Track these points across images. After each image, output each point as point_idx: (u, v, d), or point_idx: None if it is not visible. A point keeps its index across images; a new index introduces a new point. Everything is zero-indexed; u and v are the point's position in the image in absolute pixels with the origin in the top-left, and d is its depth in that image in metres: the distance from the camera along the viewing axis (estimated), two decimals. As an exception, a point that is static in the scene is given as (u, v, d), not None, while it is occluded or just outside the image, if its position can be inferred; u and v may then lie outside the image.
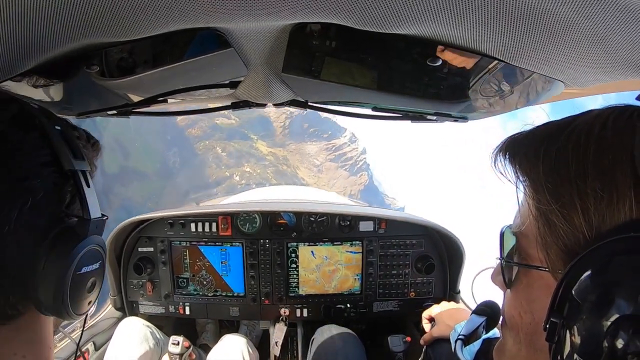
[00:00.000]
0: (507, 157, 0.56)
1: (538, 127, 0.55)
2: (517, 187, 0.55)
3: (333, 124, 57.17)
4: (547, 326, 0.46)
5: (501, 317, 0.65)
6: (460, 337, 1.09)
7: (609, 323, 0.39)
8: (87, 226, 0.57)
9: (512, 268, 0.58)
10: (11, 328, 0.53)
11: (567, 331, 0.43)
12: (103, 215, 0.61)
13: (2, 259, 0.49)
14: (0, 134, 0.51)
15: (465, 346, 1.09)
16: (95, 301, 0.63)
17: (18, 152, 0.51)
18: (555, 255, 0.50)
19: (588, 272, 0.42)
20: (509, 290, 0.61)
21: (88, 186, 0.58)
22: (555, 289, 0.46)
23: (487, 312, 1.12)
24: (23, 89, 0.77)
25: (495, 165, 0.57)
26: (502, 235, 0.61)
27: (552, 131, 0.52)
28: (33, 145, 0.53)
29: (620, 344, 0.37)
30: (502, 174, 0.56)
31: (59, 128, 0.57)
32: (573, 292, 0.43)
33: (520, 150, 0.54)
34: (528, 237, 0.54)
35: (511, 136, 0.57)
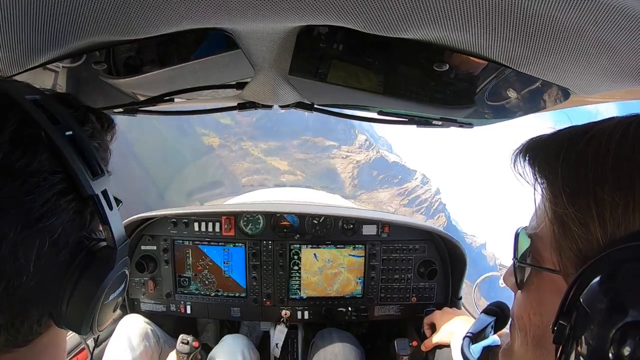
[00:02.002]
0: (526, 159, 0.55)
1: (559, 131, 0.54)
2: (534, 189, 0.55)
3: (402, 167, 55.71)
4: (555, 328, 0.47)
5: (510, 320, 0.65)
6: (468, 334, 1.08)
7: (616, 328, 0.39)
8: (115, 255, 0.51)
9: (524, 270, 0.58)
10: (32, 347, 0.50)
11: (575, 334, 0.44)
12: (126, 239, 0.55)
13: (25, 302, 0.45)
14: (0, 165, 0.41)
15: (472, 344, 1.08)
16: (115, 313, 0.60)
17: (26, 186, 0.42)
18: (568, 259, 0.50)
19: (598, 277, 0.43)
20: (519, 291, 0.61)
21: (110, 208, 0.51)
22: (566, 292, 0.46)
23: (497, 312, 1.10)
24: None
25: (514, 167, 0.56)
26: (516, 236, 0.60)
27: (572, 135, 0.51)
28: (43, 173, 0.44)
29: (626, 350, 0.37)
30: (520, 175, 0.56)
31: (69, 133, 0.47)
32: (582, 296, 0.44)
33: (540, 153, 0.54)
34: (542, 239, 0.54)
35: (532, 138, 0.56)
